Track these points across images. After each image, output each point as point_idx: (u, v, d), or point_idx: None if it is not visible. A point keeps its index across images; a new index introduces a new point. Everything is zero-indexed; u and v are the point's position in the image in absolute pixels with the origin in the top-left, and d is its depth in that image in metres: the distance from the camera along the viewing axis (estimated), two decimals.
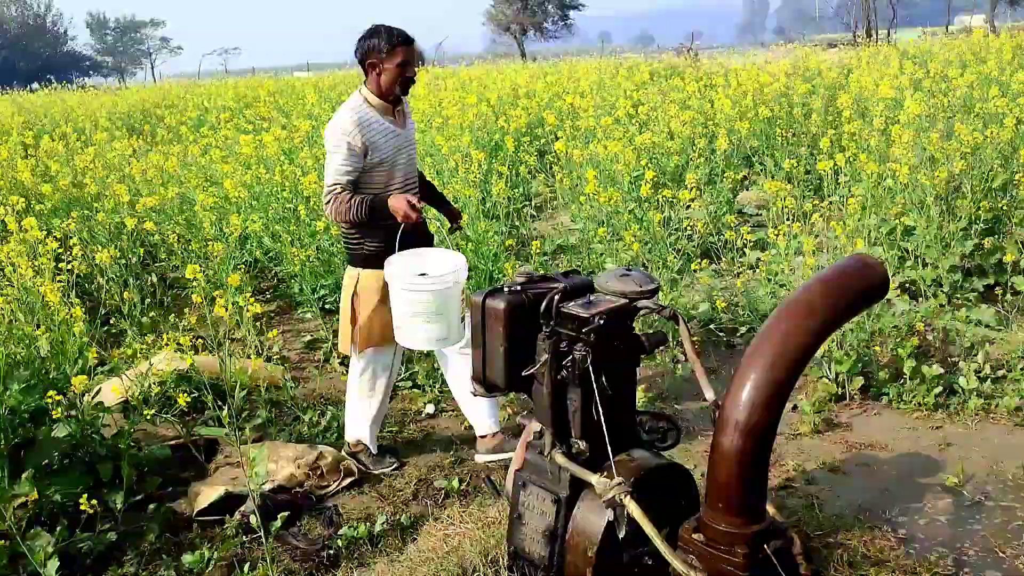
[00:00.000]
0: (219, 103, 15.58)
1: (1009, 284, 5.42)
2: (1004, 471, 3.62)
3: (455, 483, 3.75)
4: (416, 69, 3.78)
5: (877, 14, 38.80)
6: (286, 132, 8.67)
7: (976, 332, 4.87)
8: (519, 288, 2.63)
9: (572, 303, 2.58)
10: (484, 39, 60.88)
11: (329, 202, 3.64)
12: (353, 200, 3.60)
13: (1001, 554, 3.07)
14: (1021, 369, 4.37)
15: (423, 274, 3.32)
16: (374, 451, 4.01)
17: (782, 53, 19.85)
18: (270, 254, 6.63)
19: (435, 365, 4.92)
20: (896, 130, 6.22)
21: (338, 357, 5.28)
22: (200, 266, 4.54)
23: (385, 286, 3.52)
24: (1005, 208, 5.95)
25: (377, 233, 3.68)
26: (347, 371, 4.98)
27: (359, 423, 3.99)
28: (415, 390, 4.80)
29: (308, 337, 5.81)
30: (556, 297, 2.59)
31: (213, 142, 9.14)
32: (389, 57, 3.60)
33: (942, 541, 3.18)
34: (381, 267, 3.47)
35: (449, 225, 4.10)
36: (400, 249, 3.48)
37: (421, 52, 4.00)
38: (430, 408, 4.60)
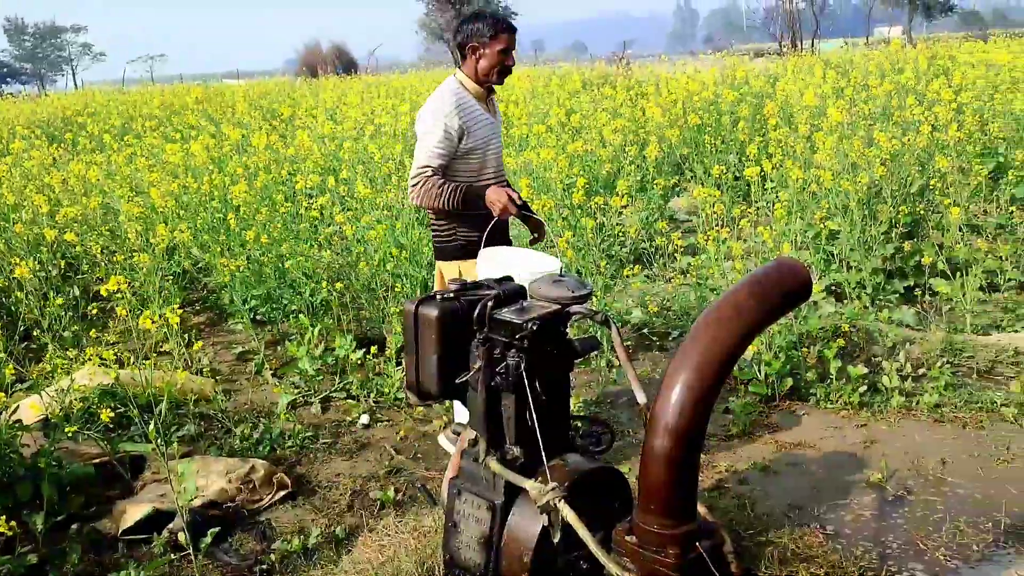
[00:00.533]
0: (145, 111, 15.21)
1: (927, 286, 5.62)
2: (925, 466, 3.74)
3: (391, 493, 3.72)
4: (514, 58, 3.70)
5: (801, 25, 39.87)
6: (215, 140, 8.51)
7: (898, 332, 5.03)
8: (452, 295, 2.62)
9: (505, 309, 2.58)
10: (418, 47, 60.70)
11: (417, 184, 3.51)
12: (446, 186, 3.48)
13: (922, 546, 3.17)
14: (940, 367, 4.52)
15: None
16: None
17: (711, 62, 20.27)
18: (199, 265, 6.50)
19: (369, 375, 4.88)
20: (820, 137, 6.41)
21: (271, 369, 5.20)
22: (125, 278, 4.42)
23: None
24: (923, 212, 6.17)
25: (469, 224, 3.58)
26: (280, 382, 4.93)
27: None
28: (349, 400, 4.74)
29: (239, 349, 5.70)
30: (489, 304, 2.58)
31: (138, 151, 8.92)
32: (491, 42, 3.54)
33: (867, 536, 3.27)
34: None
35: (532, 236, 3.95)
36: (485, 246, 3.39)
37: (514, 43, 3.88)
38: (365, 419, 4.56)
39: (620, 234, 6.43)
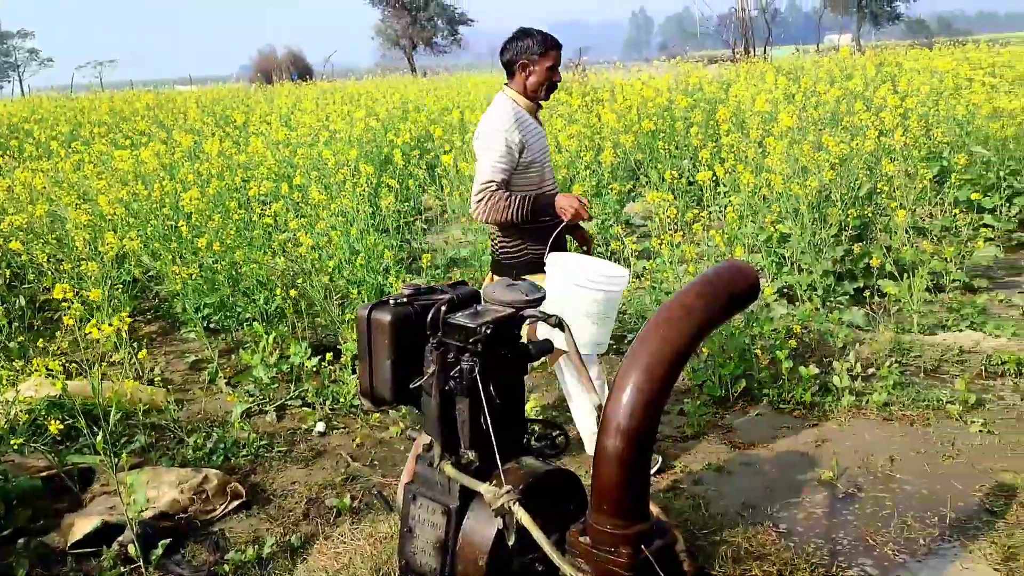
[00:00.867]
0: (93, 117, 14.94)
1: (876, 287, 5.74)
2: (874, 463, 3.82)
3: (347, 501, 3.69)
4: (560, 75, 3.75)
5: (754, 32, 40.50)
6: (166, 147, 8.39)
7: (848, 333, 5.13)
8: (405, 300, 2.62)
9: (459, 314, 2.57)
10: (374, 53, 60.45)
11: (482, 200, 3.54)
12: (512, 198, 3.52)
13: (871, 542, 3.23)
14: (888, 367, 4.62)
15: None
16: None
17: (666, 68, 20.49)
18: (150, 273, 6.39)
19: (325, 383, 4.84)
20: (771, 142, 6.51)
21: (225, 377, 5.14)
22: (73, 287, 4.33)
23: None
24: (871, 215, 6.29)
25: (537, 238, 3.62)
26: (234, 391, 4.87)
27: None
28: (305, 408, 4.70)
29: (192, 358, 5.62)
30: (443, 308, 2.58)
31: (86, 157, 8.75)
32: (540, 59, 3.60)
33: (819, 533, 3.32)
34: (543, 272, 3.37)
35: (583, 249, 3.96)
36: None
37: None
38: (320, 426, 4.52)
39: None
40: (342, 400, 4.69)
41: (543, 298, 2.68)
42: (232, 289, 5.70)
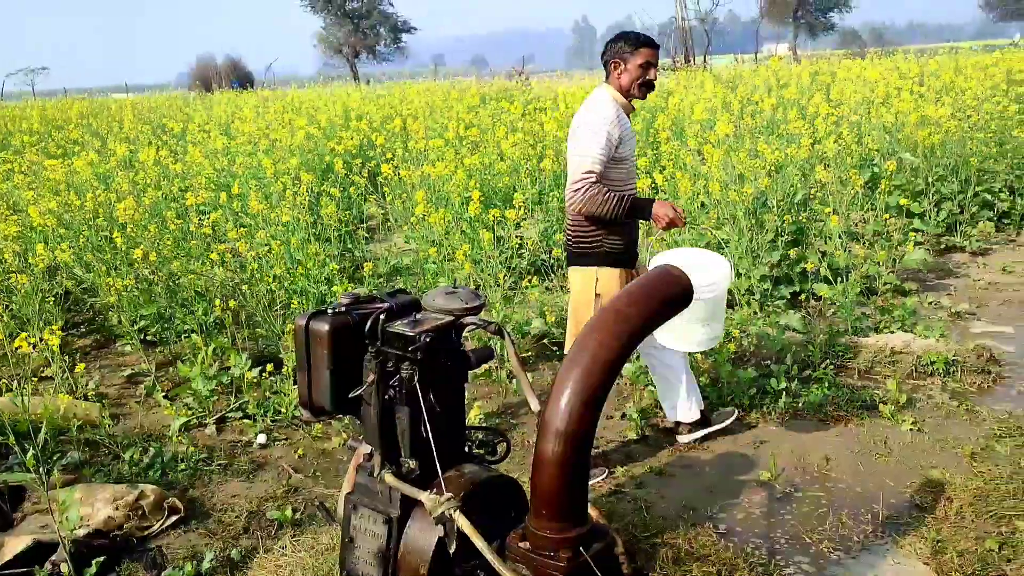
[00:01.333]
0: (24, 126, 14.53)
1: (811, 291, 5.87)
2: (810, 463, 3.91)
3: (288, 513, 3.64)
4: (657, 74, 3.83)
5: (694, 41, 41.20)
6: (100, 156, 8.20)
7: (784, 336, 5.24)
8: (344, 309, 2.61)
9: (398, 322, 2.58)
10: (316, 61, 59.91)
11: (581, 189, 3.58)
12: (611, 195, 3.58)
13: (808, 540, 3.30)
14: (823, 368, 4.73)
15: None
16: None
17: None
18: (84, 285, 6.24)
19: (266, 394, 4.78)
20: (708, 150, 6.63)
21: (163, 391, 5.03)
22: (1, 300, 4.21)
23: (623, 283, 3.61)
24: (805, 221, 6.44)
25: (617, 232, 3.70)
26: (172, 404, 4.78)
27: (685, 400, 4.04)
28: (245, 420, 4.63)
29: (129, 371, 5.49)
30: (382, 317, 2.58)
31: (16, 167, 8.51)
32: (632, 57, 3.70)
33: (758, 532, 3.39)
34: (620, 265, 3.66)
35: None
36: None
37: (656, 56, 3.82)
38: (262, 438, 4.46)
39: (519, 246, 6.49)
40: (284, 411, 4.64)
41: (483, 305, 2.70)
42: (170, 301, 5.59)
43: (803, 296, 6.01)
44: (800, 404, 4.48)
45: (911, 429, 4.17)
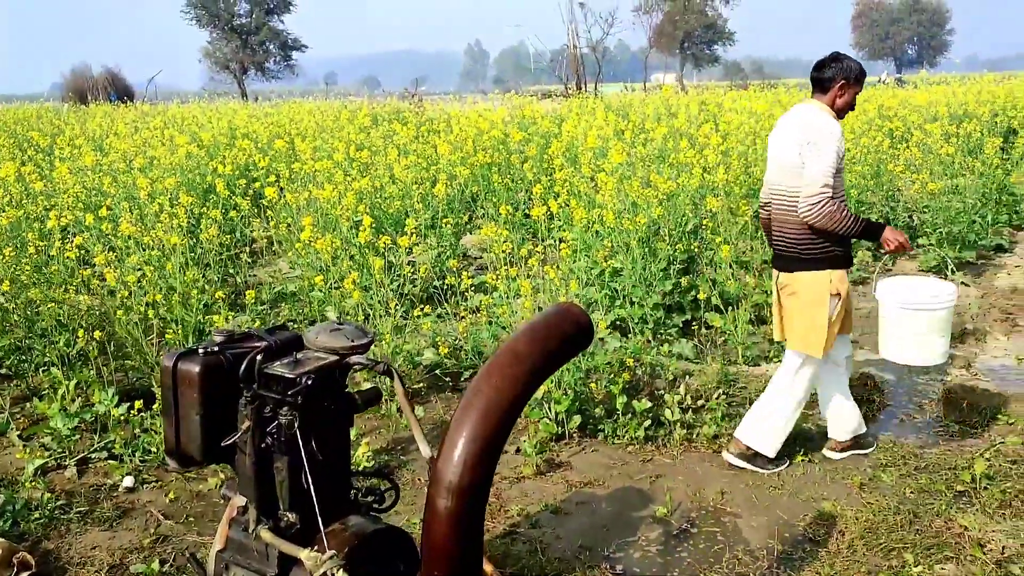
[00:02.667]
0: None
1: (703, 319, 5.91)
2: (705, 498, 3.86)
3: (155, 566, 3.34)
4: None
5: (586, 68, 42.03)
6: None
7: (677, 365, 5.23)
8: (216, 349, 2.37)
9: (277, 363, 2.37)
10: (202, 76, 58.08)
11: (820, 203, 3.77)
12: (847, 215, 3.83)
13: None
14: (716, 398, 4.73)
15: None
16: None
17: (501, 101, 20.79)
18: None
19: (135, 432, 4.43)
20: (602, 178, 6.62)
21: (18, 429, 4.60)
22: None
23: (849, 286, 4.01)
24: (697, 250, 6.50)
25: (841, 240, 3.94)
26: (27, 444, 4.37)
27: (776, 433, 4.10)
28: (111, 461, 4.26)
29: None
30: (258, 357, 2.36)
31: None
32: (855, 85, 3.98)
33: (655, 572, 3.30)
34: (847, 266, 3.99)
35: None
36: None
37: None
38: (128, 481, 4.11)
39: (411, 273, 6.30)
40: (154, 451, 4.29)
41: (371, 342, 2.51)
42: (27, 330, 5.14)
43: (695, 325, 6.04)
44: (695, 435, 4.45)
45: (802, 460, 4.19)
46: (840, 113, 4.01)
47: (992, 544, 3.36)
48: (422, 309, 5.70)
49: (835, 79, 3.96)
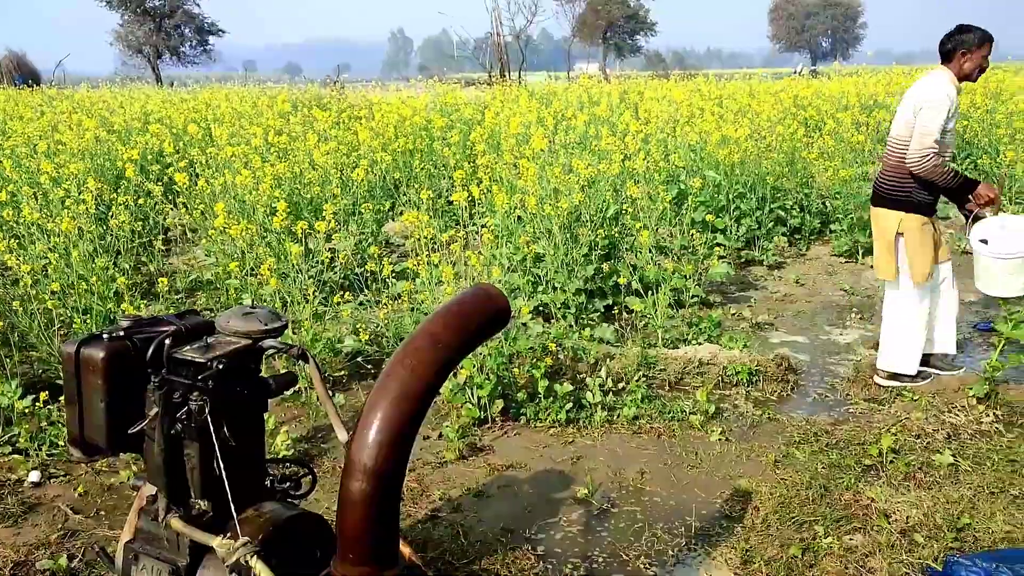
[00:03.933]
0: None
1: (624, 304, 5.98)
2: (626, 477, 3.92)
3: (63, 561, 3.23)
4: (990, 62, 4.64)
5: (509, 56, 42.03)
6: None
7: (599, 349, 5.29)
8: (122, 334, 2.29)
9: (187, 347, 2.30)
10: (114, 60, 56.02)
11: (926, 157, 4.40)
12: (949, 170, 4.46)
13: (625, 556, 3.28)
14: (636, 381, 4.80)
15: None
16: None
17: (424, 88, 20.62)
18: None
19: (40, 426, 4.26)
20: (524, 164, 6.63)
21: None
22: None
23: (924, 228, 4.60)
24: (618, 235, 6.58)
25: (928, 185, 4.54)
26: None
27: (911, 353, 4.80)
28: (15, 456, 4.09)
29: None
30: (167, 342, 2.29)
31: None
32: (978, 48, 4.51)
33: (576, 552, 3.33)
34: (924, 213, 4.58)
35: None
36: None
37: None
38: (35, 475, 3.95)
39: (331, 259, 6.21)
40: (61, 444, 4.14)
41: (285, 326, 2.46)
42: None
43: (616, 309, 6.11)
44: (615, 417, 4.51)
45: (719, 439, 4.29)
46: (968, 77, 4.56)
47: (897, 514, 3.49)
48: (342, 296, 5.62)
49: (956, 50, 4.54)
